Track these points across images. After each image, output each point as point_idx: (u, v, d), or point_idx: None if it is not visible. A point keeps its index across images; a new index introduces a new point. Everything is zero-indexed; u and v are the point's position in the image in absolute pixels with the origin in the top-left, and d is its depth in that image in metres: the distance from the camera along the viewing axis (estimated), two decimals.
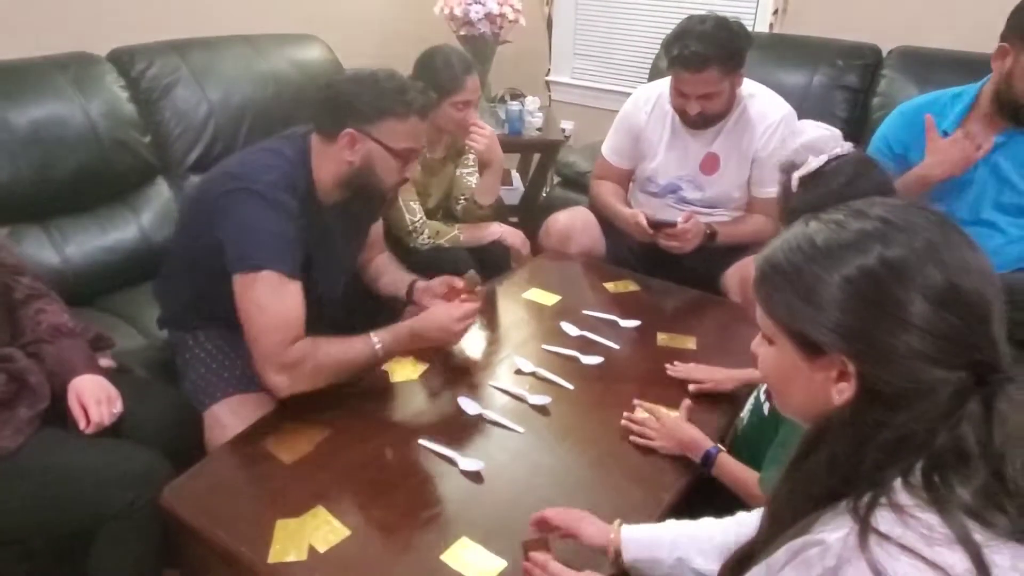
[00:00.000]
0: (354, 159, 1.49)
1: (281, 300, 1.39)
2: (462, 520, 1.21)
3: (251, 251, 1.39)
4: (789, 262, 0.72)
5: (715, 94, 1.90)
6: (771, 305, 0.74)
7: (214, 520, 1.19)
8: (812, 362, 0.71)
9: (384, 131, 1.48)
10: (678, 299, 1.98)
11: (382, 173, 1.51)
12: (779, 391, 0.79)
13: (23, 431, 1.28)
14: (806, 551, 0.65)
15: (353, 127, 1.47)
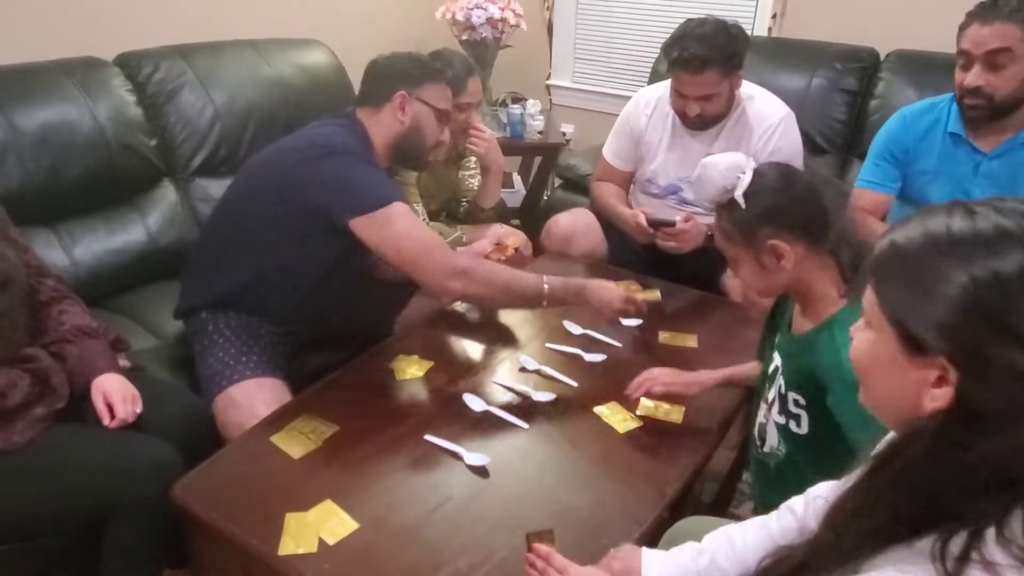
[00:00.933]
0: (405, 119, 1.68)
1: (419, 222, 1.59)
2: (469, 514, 1.23)
3: (369, 192, 1.54)
4: (915, 248, 0.67)
5: (714, 95, 1.93)
6: (883, 289, 0.69)
7: (225, 514, 1.21)
8: (911, 359, 0.67)
9: (429, 93, 1.70)
10: (680, 299, 2.00)
11: (427, 132, 1.72)
12: (868, 380, 0.75)
13: (34, 428, 1.30)
14: None
15: (404, 89, 1.67)
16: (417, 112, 1.69)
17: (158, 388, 1.50)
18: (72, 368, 1.39)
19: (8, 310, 1.33)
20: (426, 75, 1.71)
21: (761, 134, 2.02)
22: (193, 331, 1.70)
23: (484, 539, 1.17)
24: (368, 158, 1.62)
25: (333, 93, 2.64)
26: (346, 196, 1.53)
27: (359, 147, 1.62)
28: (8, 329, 1.33)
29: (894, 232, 0.71)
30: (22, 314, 1.38)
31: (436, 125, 1.73)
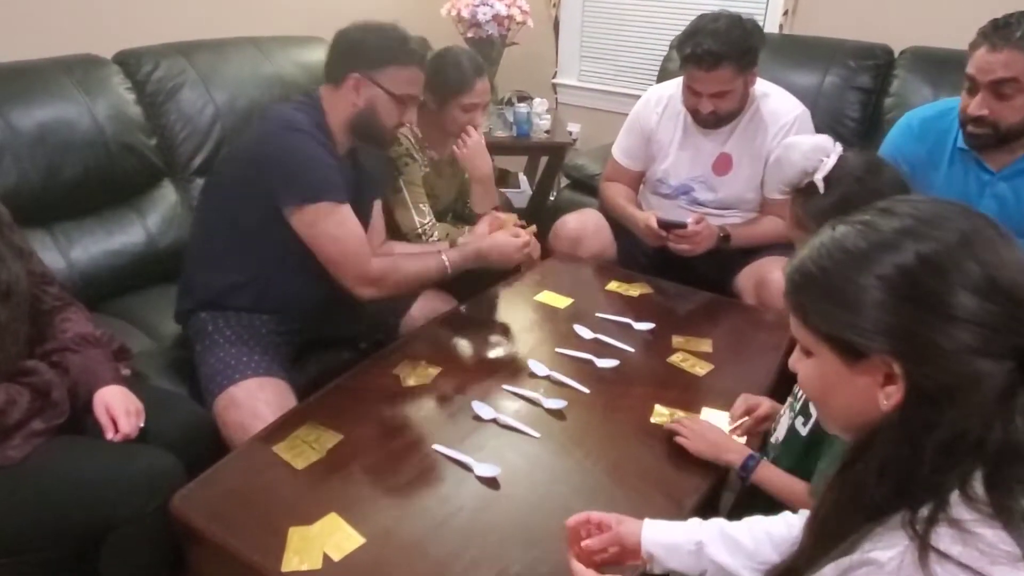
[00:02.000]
0: (359, 102, 1.59)
1: (347, 225, 1.54)
2: (479, 526, 1.18)
3: (306, 183, 1.51)
4: (821, 269, 0.70)
5: (728, 92, 1.88)
6: (806, 315, 0.72)
7: (226, 528, 1.16)
8: (855, 367, 0.69)
9: (387, 77, 1.58)
10: (692, 302, 1.95)
11: (383, 117, 1.61)
12: (823, 404, 0.76)
13: (31, 443, 1.25)
14: (856, 570, 0.62)
15: (359, 72, 1.57)
16: (372, 96, 1.59)
17: (159, 397, 1.45)
18: (74, 378, 1.34)
19: (9, 322, 1.28)
20: (387, 58, 1.58)
21: (775, 132, 1.97)
22: (193, 332, 1.66)
23: (496, 552, 1.13)
24: (320, 140, 1.56)
25: None
26: (286, 182, 1.52)
27: (313, 127, 1.56)
28: (8, 342, 1.29)
29: (795, 262, 0.74)
30: (23, 325, 1.34)
31: (395, 110, 1.62)
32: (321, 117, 1.60)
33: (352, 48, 1.59)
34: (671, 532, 1.00)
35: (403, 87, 1.60)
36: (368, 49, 1.58)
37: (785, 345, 1.73)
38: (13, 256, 1.31)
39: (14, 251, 1.32)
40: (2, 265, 1.27)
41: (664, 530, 1.01)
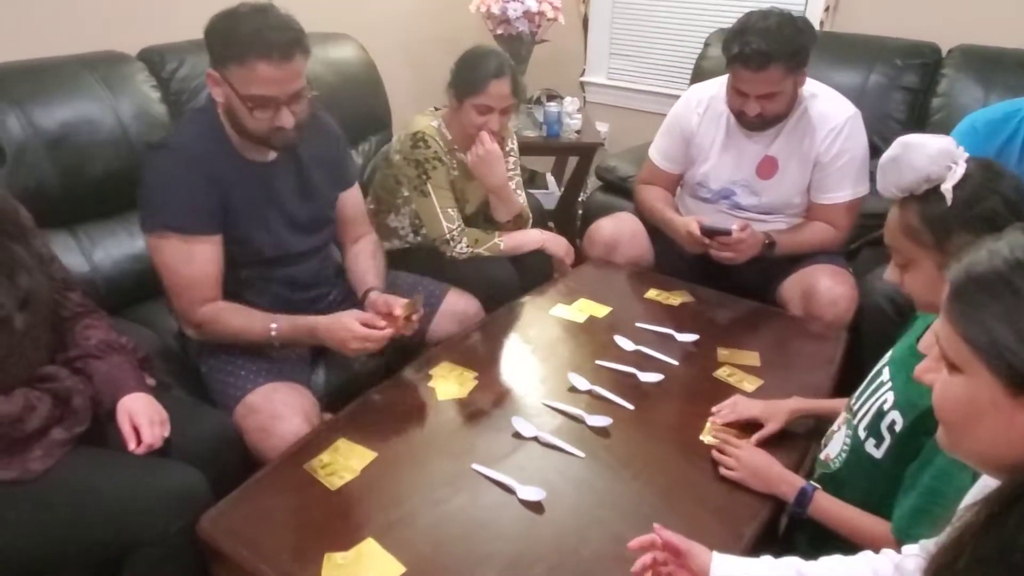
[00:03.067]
0: (220, 100, 1.44)
1: (186, 262, 1.44)
2: (525, 556, 1.11)
3: (153, 211, 1.43)
4: (1000, 275, 0.62)
5: (777, 94, 1.79)
6: (968, 326, 0.63)
7: (256, 552, 1.10)
8: (1017, 399, 0.60)
9: (232, 75, 1.39)
10: (735, 311, 1.87)
11: (240, 118, 1.42)
12: (959, 428, 0.67)
13: (53, 454, 1.19)
14: None
15: (212, 67, 1.42)
16: (227, 95, 1.41)
17: (185, 408, 1.39)
18: (98, 386, 1.28)
19: (30, 328, 1.23)
20: (228, 53, 1.36)
21: (825, 135, 1.88)
22: (194, 353, 1.62)
23: None
24: (193, 157, 1.42)
25: (363, 88, 2.54)
26: (142, 207, 1.46)
27: (201, 138, 1.45)
28: (28, 348, 1.23)
29: (967, 263, 0.66)
30: (44, 332, 1.29)
31: (248, 113, 1.39)
32: (214, 122, 1.48)
33: (207, 38, 1.41)
34: (744, 573, 0.93)
35: (249, 87, 1.37)
36: (217, 41, 1.39)
37: (838, 358, 1.65)
38: (35, 264, 1.26)
39: (36, 258, 1.27)
40: (24, 273, 1.22)
41: (736, 570, 0.93)
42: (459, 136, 1.96)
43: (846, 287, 1.84)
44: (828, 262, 1.91)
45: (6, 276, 1.19)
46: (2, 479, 1.15)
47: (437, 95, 2.14)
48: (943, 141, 1.03)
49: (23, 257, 1.23)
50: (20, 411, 1.16)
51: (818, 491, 1.16)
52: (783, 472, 1.21)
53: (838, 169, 1.89)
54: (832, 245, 1.96)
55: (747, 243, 1.83)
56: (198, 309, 1.46)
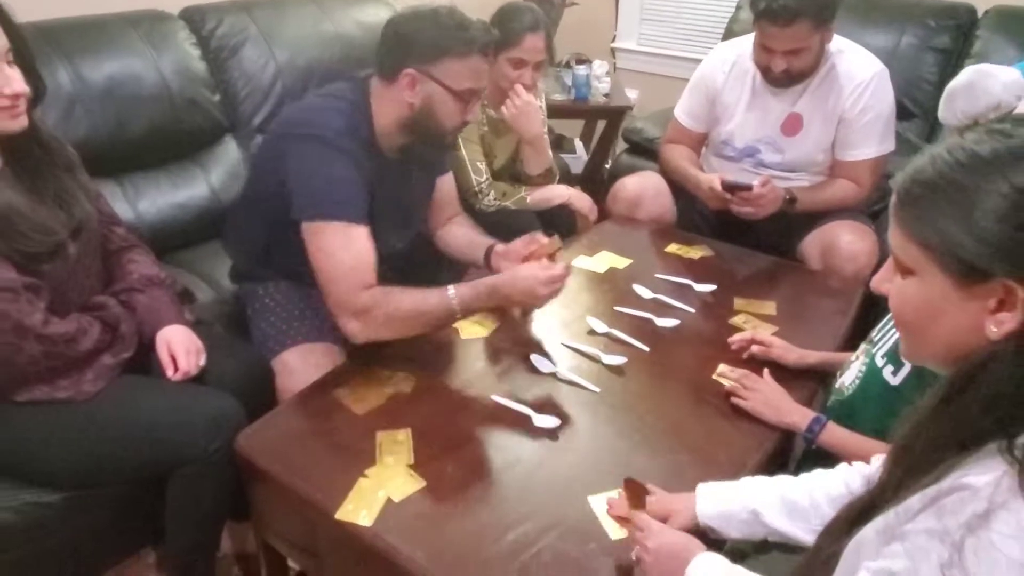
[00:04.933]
0: (415, 101, 1.43)
1: (349, 248, 1.37)
2: (538, 477, 1.17)
3: (318, 199, 1.38)
4: (943, 175, 0.64)
5: (803, 50, 1.80)
6: (917, 227, 0.66)
7: (288, 467, 1.18)
8: (967, 290, 0.64)
9: (444, 71, 1.41)
10: (754, 265, 1.90)
11: (442, 116, 1.45)
12: (918, 330, 0.70)
13: (104, 377, 1.28)
14: (946, 497, 0.59)
15: (413, 67, 1.40)
16: (429, 92, 1.42)
17: (223, 342, 1.47)
18: (140, 317, 1.37)
19: (82, 256, 1.31)
20: (443, 49, 1.40)
21: (851, 92, 1.88)
22: (244, 294, 1.68)
23: (554, 503, 1.12)
24: (346, 150, 1.40)
25: None
26: (301, 195, 1.40)
27: (347, 133, 1.41)
28: (81, 275, 1.32)
29: (911, 170, 0.68)
30: (95, 261, 1.38)
31: (454, 107, 1.44)
32: (363, 115, 1.46)
33: (404, 39, 1.41)
34: (724, 500, 1.00)
35: (463, 81, 1.42)
36: (423, 40, 1.40)
37: (853, 311, 1.67)
38: (84, 195, 1.34)
39: (84, 191, 1.35)
40: (75, 202, 1.30)
41: (717, 498, 1.00)
42: (490, 92, 2.01)
43: (867, 242, 1.85)
44: (849, 219, 1.92)
45: (61, 207, 1.27)
46: (58, 397, 1.25)
47: None
48: (1014, 72, 1.05)
49: (74, 188, 1.32)
50: (75, 332, 1.25)
51: (829, 422, 1.20)
52: (794, 404, 1.25)
53: (863, 126, 1.89)
54: (854, 202, 1.97)
55: (768, 198, 1.85)
56: (360, 294, 1.36)
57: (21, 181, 1.24)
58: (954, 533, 0.57)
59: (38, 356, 1.20)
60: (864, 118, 1.88)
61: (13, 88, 1.16)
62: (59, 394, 1.25)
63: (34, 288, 1.20)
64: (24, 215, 1.19)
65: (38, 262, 1.21)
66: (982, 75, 1.04)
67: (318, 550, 1.20)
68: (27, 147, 1.25)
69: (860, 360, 1.25)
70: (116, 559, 1.53)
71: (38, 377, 1.23)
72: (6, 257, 1.17)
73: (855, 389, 1.23)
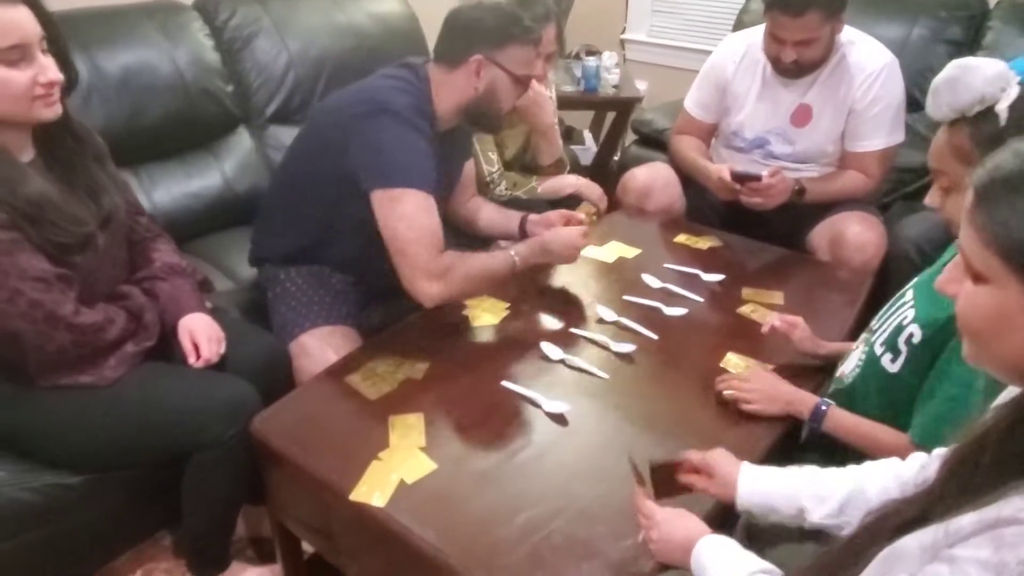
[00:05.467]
0: (479, 85, 1.54)
1: (426, 214, 1.46)
2: (547, 461, 1.19)
3: (395, 169, 1.45)
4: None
5: (814, 40, 1.80)
6: (997, 232, 0.61)
7: (304, 450, 1.21)
8: None
9: (509, 58, 1.54)
10: (763, 256, 1.91)
11: (503, 99, 1.58)
12: (987, 338, 0.65)
13: (125, 364, 1.31)
14: (1006, 527, 0.56)
15: (482, 53, 1.52)
16: (494, 77, 1.55)
17: (240, 329, 1.50)
18: (162, 306, 1.40)
19: (110, 247, 1.34)
20: (509, 37, 1.53)
21: (861, 82, 1.88)
22: (265, 278, 1.71)
23: (563, 487, 1.14)
24: (417, 125, 1.49)
25: (406, 43, 2.59)
26: (375, 164, 1.46)
27: (414, 110, 1.49)
28: (108, 265, 1.35)
29: (990, 166, 0.63)
30: (122, 251, 1.40)
31: (512, 90, 1.59)
32: (425, 97, 1.55)
33: (471, 27, 1.53)
34: (770, 492, 0.99)
35: (523, 67, 1.57)
36: (489, 28, 1.53)
37: (860, 302, 1.68)
38: (112, 186, 1.37)
39: (112, 181, 1.38)
40: (105, 194, 1.33)
41: (762, 488, 0.99)
42: None
43: (874, 233, 1.86)
44: (859, 210, 1.93)
45: (91, 198, 1.30)
46: (80, 382, 1.27)
47: None
48: (998, 64, 1.05)
49: (103, 179, 1.34)
50: (103, 322, 1.28)
51: (832, 407, 1.21)
52: (796, 391, 1.26)
53: (873, 116, 1.89)
54: (864, 194, 1.97)
55: (777, 188, 1.86)
56: (441, 257, 1.46)
57: (52, 171, 1.26)
58: (1012, 569, 0.54)
59: (67, 345, 1.23)
60: (874, 109, 1.88)
61: (48, 76, 1.18)
62: (82, 379, 1.28)
63: (66, 279, 1.23)
64: (56, 205, 1.22)
65: (70, 253, 1.24)
66: (964, 69, 1.04)
67: (332, 531, 1.22)
68: (60, 137, 1.28)
69: (860, 349, 1.26)
70: (133, 541, 1.56)
71: (65, 364, 1.26)
72: (39, 247, 1.19)
73: (855, 378, 1.24)
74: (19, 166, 1.21)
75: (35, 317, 1.18)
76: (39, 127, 1.23)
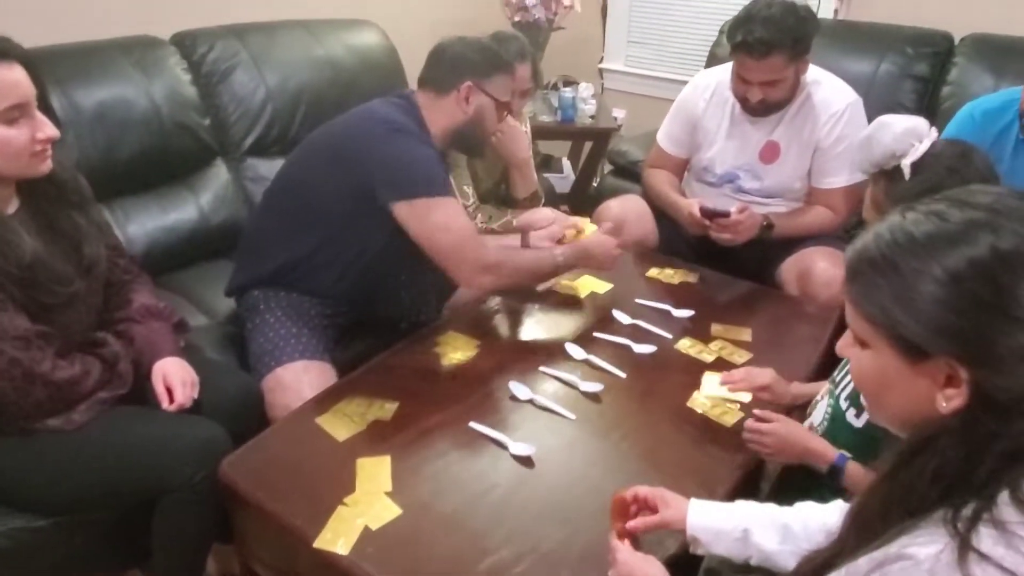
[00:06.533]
0: (468, 110, 1.66)
1: (459, 216, 1.57)
2: (513, 503, 1.20)
3: (419, 179, 1.53)
4: (884, 256, 0.66)
5: (779, 81, 1.85)
6: (865, 305, 0.67)
7: (270, 494, 1.21)
8: (914, 367, 0.65)
9: (495, 85, 1.68)
10: (733, 291, 1.94)
11: (487, 123, 1.71)
12: (876, 398, 0.72)
13: (95, 409, 1.31)
14: (891, 564, 0.61)
15: (471, 80, 1.64)
16: (481, 104, 1.67)
17: (212, 368, 1.50)
18: (137, 349, 1.40)
19: (88, 295, 1.34)
20: (495, 67, 1.68)
21: (826, 121, 1.93)
22: (245, 308, 1.72)
23: (529, 529, 1.15)
24: (426, 140, 1.60)
25: (384, 75, 2.63)
26: (395, 178, 1.53)
27: (416, 128, 1.61)
28: (84, 313, 1.35)
29: (858, 246, 0.69)
30: (98, 298, 1.40)
31: (495, 116, 1.72)
32: (419, 120, 1.64)
33: (460, 58, 1.65)
34: (717, 517, 1.00)
35: (506, 94, 1.72)
36: (478, 59, 1.66)
37: (826, 337, 1.71)
38: (96, 234, 1.37)
39: (95, 227, 1.38)
40: (87, 243, 1.34)
41: (710, 515, 1.00)
42: None
43: (841, 269, 1.87)
44: (826, 245, 1.97)
45: (73, 247, 1.30)
46: (47, 427, 1.27)
47: None
48: (913, 121, 1.11)
49: (85, 227, 1.35)
50: (79, 375, 1.28)
51: (850, 461, 1.17)
52: (809, 439, 1.21)
53: (837, 155, 1.94)
54: (830, 229, 2.01)
55: (745, 224, 1.90)
56: (489, 251, 1.58)
57: (36, 220, 1.27)
58: None
59: (44, 400, 1.24)
60: (838, 147, 1.93)
61: (47, 133, 1.20)
62: (49, 423, 1.27)
63: (44, 335, 1.24)
64: (45, 264, 1.23)
65: (52, 311, 1.25)
66: (880, 125, 1.11)
67: None
68: (42, 187, 1.29)
69: (825, 401, 1.28)
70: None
71: (39, 416, 1.26)
72: (22, 306, 1.20)
73: (824, 430, 1.25)
74: (12, 226, 1.21)
75: (14, 375, 1.19)
76: (24, 180, 1.24)
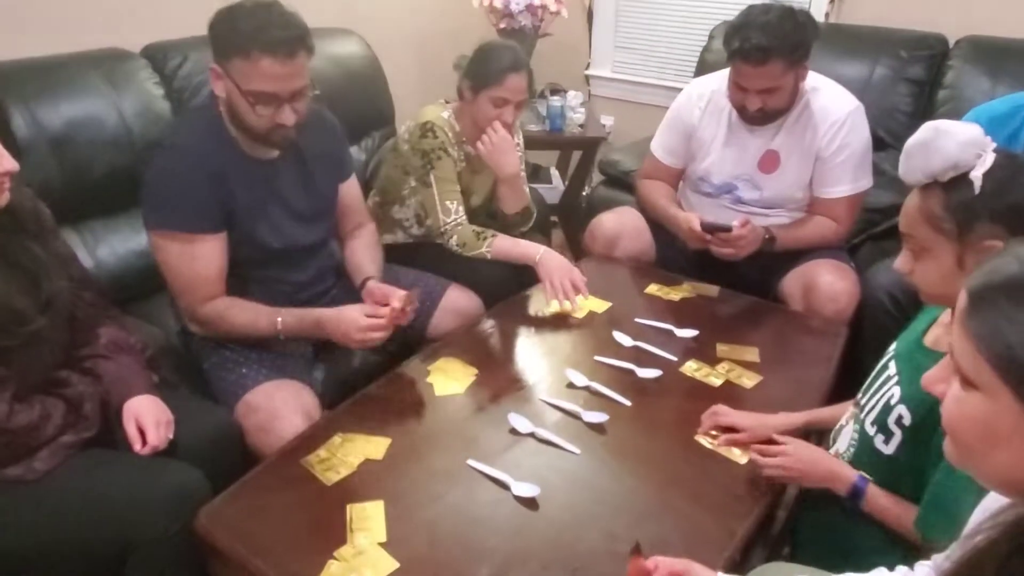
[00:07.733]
0: (222, 95, 1.44)
1: (189, 261, 1.46)
2: (518, 552, 1.11)
3: (155, 210, 1.46)
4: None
5: (777, 88, 1.78)
6: (991, 342, 0.57)
7: (251, 548, 1.11)
8: None
9: (235, 69, 1.38)
10: (735, 306, 1.87)
11: (241, 114, 1.43)
12: (973, 450, 0.62)
13: (58, 456, 1.21)
14: None
15: (215, 61, 1.41)
16: (228, 90, 1.41)
17: (188, 406, 1.39)
18: (107, 387, 1.30)
19: (49, 333, 1.24)
20: (231, 49, 1.36)
21: (826, 130, 1.86)
22: (199, 350, 1.62)
23: None
24: (199, 153, 1.43)
25: (366, 85, 2.54)
26: (145, 204, 1.48)
27: (201, 137, 1.45)
28: (46, 352, 1.25)
29: (988, 270, 0.59)
30: (63, 334, 1.30)
31: (248, 108, 1.40)
32: (217, 121, 1.48)
33: (211, 31, 1.41)
34: None
35: (251, 82, 1.37)
36: (218, 37, 1.40)
37: (837, 356, 1.64)
38: (57, 266, 1.28)
39: (56, 259, 1.29)
40: (46, 277, 1.24)
41: None
42: (469, 129, 1.97)
43: (847, 283, 1.83)
44: (830, 257, 1.90)
45: (30, 281, 1.20)
46: (6, 476, 1.17)
47: (440, 90, 2.15)
48: (973, 129, 1.02)
49: (44, 259, 1.25)
50: (38, 420, 1.18)
51: (870, 484, 1.12)
52: (835, 466, 1.17)
53: (839, 163, 1.88)
54: (834, 240, 1.95)
55: (747, 239, 1.83)
56: (202, 307, 1.48)
57: None
58: None
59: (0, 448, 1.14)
60: (840, 156, 1.87)
61: (5, 167, 1.13)
62: (8, 472, 1.17)
63: (0, 379, 1.14)
64: (3, 305, 1.14)
65: (9, 353, 1.15)
66: (938, 133, 1.00)
67: None
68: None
69: (851, 426, 1.21)
70: None
71: None
72: None
73: (850, 457, 1.19)
74: None
75: None
76: None
